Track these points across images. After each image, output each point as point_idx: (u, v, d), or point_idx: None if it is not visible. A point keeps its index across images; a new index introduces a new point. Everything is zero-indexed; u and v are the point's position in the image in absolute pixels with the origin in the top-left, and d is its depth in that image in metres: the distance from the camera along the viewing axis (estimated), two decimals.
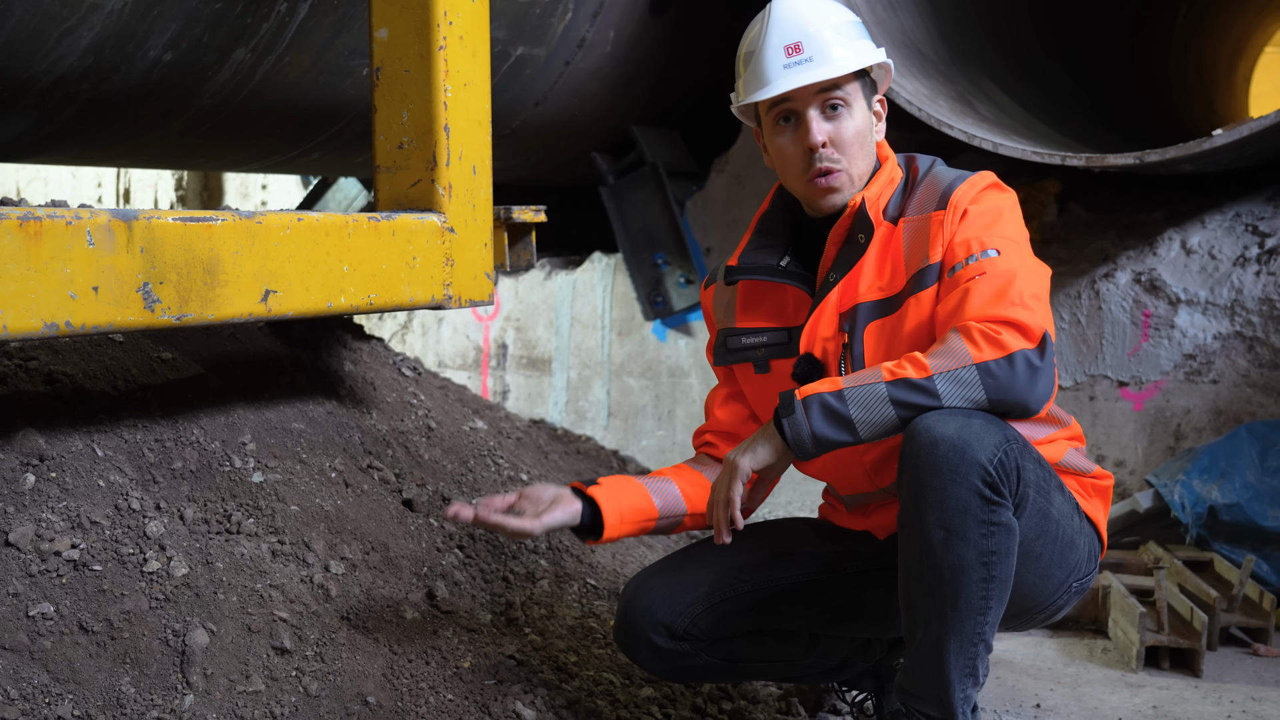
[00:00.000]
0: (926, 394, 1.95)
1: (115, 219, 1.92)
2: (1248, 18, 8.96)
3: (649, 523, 2.28)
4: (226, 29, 2.88)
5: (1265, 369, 3.82)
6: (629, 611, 2.29)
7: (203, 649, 2.16)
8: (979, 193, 2.16)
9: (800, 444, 2.00)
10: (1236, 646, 3.26)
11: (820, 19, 2.20)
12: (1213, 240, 3.98)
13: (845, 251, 2.21)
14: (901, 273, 2.16)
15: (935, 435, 1.91)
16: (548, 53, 3.98)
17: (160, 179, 8.15)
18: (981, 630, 1.97)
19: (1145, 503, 3.75)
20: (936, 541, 1.92)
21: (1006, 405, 1.97)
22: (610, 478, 2.31)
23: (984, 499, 1.90)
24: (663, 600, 2.27)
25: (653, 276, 4.88)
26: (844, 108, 2.19)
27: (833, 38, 2.18)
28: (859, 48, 2.21)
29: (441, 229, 2.55)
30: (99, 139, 3.28)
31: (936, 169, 2.26)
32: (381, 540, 2.68)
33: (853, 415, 1.97)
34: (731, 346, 2.37)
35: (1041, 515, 2.05)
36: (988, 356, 1.94)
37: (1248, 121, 3.54)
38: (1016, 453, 1.95)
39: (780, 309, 2.31)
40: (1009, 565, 1.95)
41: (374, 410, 3.16)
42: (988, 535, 1.92)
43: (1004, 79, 5.06)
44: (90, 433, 2.42)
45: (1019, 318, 1.97)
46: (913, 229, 2.17)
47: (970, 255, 2.07)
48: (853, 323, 2.18)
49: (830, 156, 2.19)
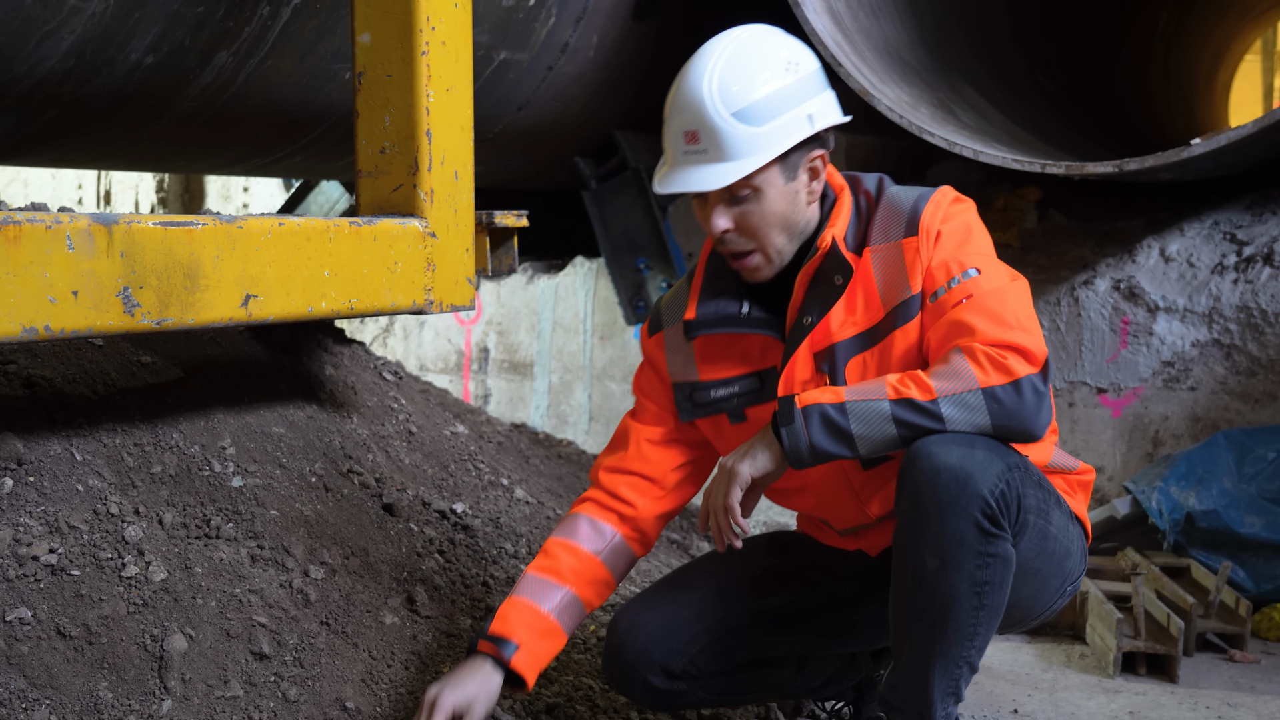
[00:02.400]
0: (930, 417, 1.91)
1: (95, 223, 1.92)
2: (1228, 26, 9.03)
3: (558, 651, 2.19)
4: (208, 32, 2.87)
5: (1243, 376, 3.84)
6: (624, 651, 2.23)
7: (181, 654, 2.16)
8: (945, 211, 2.07)
9: (797, 454, 1.96)
10: (1213, 652, 3.28)
11: (726, 100, 1.99)
12: (1191, 248, 4.01)
13: (817, 292, 2.09)
14: (876, 304, 2.07)
15: (937, 463, 1.87)
16: (531, 57, 3.98)
17: (141, 181, 8.12)
18: (968, 654, 1.96)
19: (1123, 509, 3.77)
20: (930, 569, 1.90)
21: (1011, 432, 1.93)
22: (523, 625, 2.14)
23: (982, 531, 1.88)
24: (659, 640, 2.22)
25: (635, 281, 4.89)
26: (752, 195, 2.03)
27: (734, 130, 1.98)
28: (772, 134, 2.00)
29: (423, 234, 2.55)
30: (80, 141, 3.27)
31: (889, 190, 2.14)
32: (361, 545, 2.68)
33: (853, 430, 1.93)
34: (700, 401, 2.24)
35: (1040, 535, 2.02)
36: (994, 381, 1.90)
37: (1226, 131, 3.57)
38: (1018, 481, 1.91)
39: (746, 354, 2.20)
40: (1002, 594, 1.93)
41: (354, 414, 3.15)
42: (983, 566, 1.89)
43: (986, 86, 5.09)
44: (69, 437, 2.41)
45: (1022, 342, 1.92)
46: (883, 258, 2.07)
47: (952, 278, 2.00)
48: (831, 362, 2.08)
49: (736, 242, 2.07)
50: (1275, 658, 3.26)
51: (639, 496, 2.27)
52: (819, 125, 2.05)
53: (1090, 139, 5.75)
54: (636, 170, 4.75)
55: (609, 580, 2.25)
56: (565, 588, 2.19)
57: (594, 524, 2.26)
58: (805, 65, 2.06)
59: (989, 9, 5.44)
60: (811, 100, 2.05)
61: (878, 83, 4.07)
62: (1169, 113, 7.91)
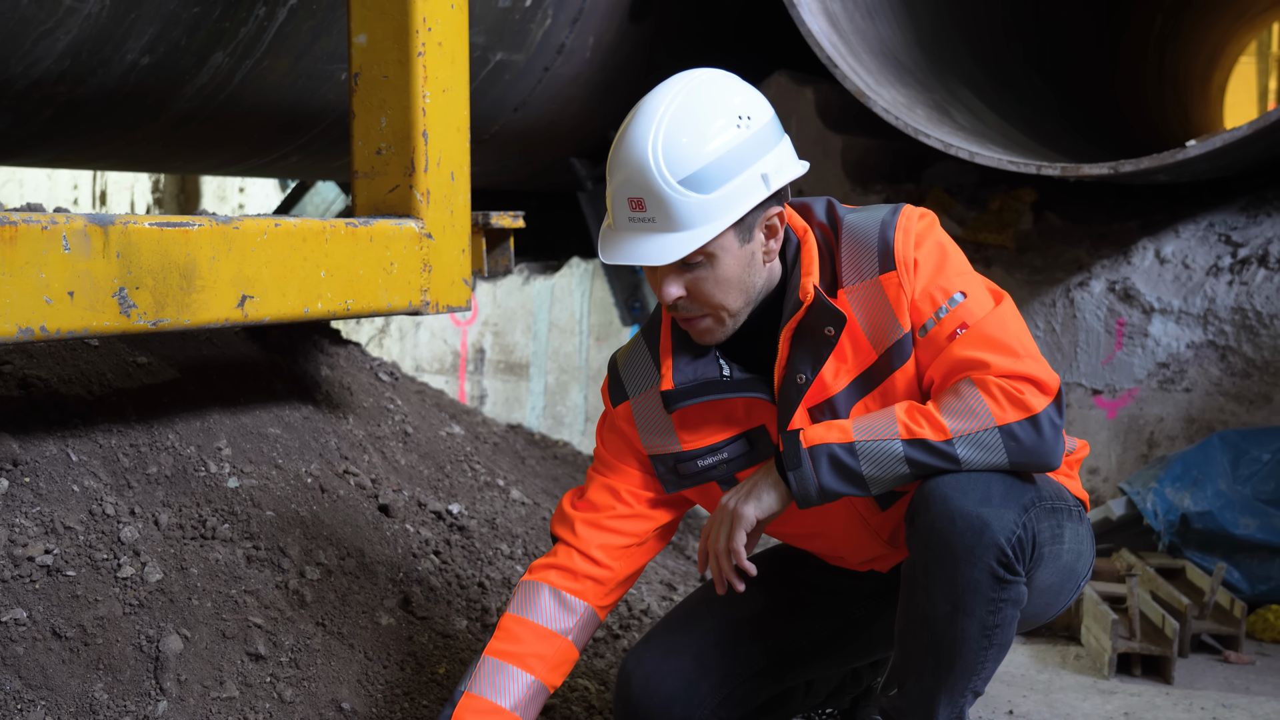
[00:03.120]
0: (945, 459, 1.83)
1: (91, 224, 1.92)
2: (1223, 28, 9.04)
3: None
4: (204, 33, 2.87)
5: (1237, 378, 3.85)
6: (642, 707, 2.11)
7: (176, 655, 2.16)
8: (916, 235, 1.94)
9: (806, 497, 1.88)
10: (1208, 653, 3.28)
11: (673, 165, 1.82)
12: (1186, 250, 4.02)
13: (809, 347, 1.95)
14: (866, 346, 1.95)
15: (953, 509, 1.81)
16: (527, 58, 3.99)
17: (137, 181, 8.11)
18: (975, 685, 1.93)
19: (1118, 510, 3.78)
20: (941, 614, 1.85)
21: (1028, 468, 1.88)
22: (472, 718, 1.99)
23: (996, 579, 1.83)
24: (679, 695, 2.11)
25: (631, 282, 4.89)
26: (705, 261, 1.88)
27: (683, 199, 1.82)
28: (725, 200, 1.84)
29: (419, 235, 2.55)
30: (76, 141, 3.27)
31: (846, 220, 1.98)
32: (357, 546, 2.68)
33: (864, 471, 1.86)
34: (686, 473, 2.08)
35: (1054, 559, 1.95)
36: (1011, 419, 1.83)
37: (1221, 133, 3.58)
38: (1034, 521, 1.86)
39: (730, 416, 2.05)
40: (1010, 632, 1.89)
41: (350, 415, 3.15)
42: (994, 611, 1.85)
43: (981, 88, 5.09)
44: (64, 437, 2.41)
45: (1035, 373, 1.84)
46: (863, 298, 1.94)
47: (939, 308, 1.90)
48: (833, 413, 1.96)
49: (688, 308, 1.93)
50: (1270, 659, 3.26)
51: (615, 559, 2.09)
52: (775, 185, 1.89)
53: (1086, 141, 5.76)
54: None
55: (575, 659, 2.11)
56: (529, 676, 2.03)
57: (560, 597, 2.07)
58: (758, 117, 1.89)
59: (985, 11, 5.45)
60: (766, 156, 1.89)
61: (874, 84, 4.07)
62: (1164, 115, 7.93)
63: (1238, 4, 8.62)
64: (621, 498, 2.11)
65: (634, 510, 2.11)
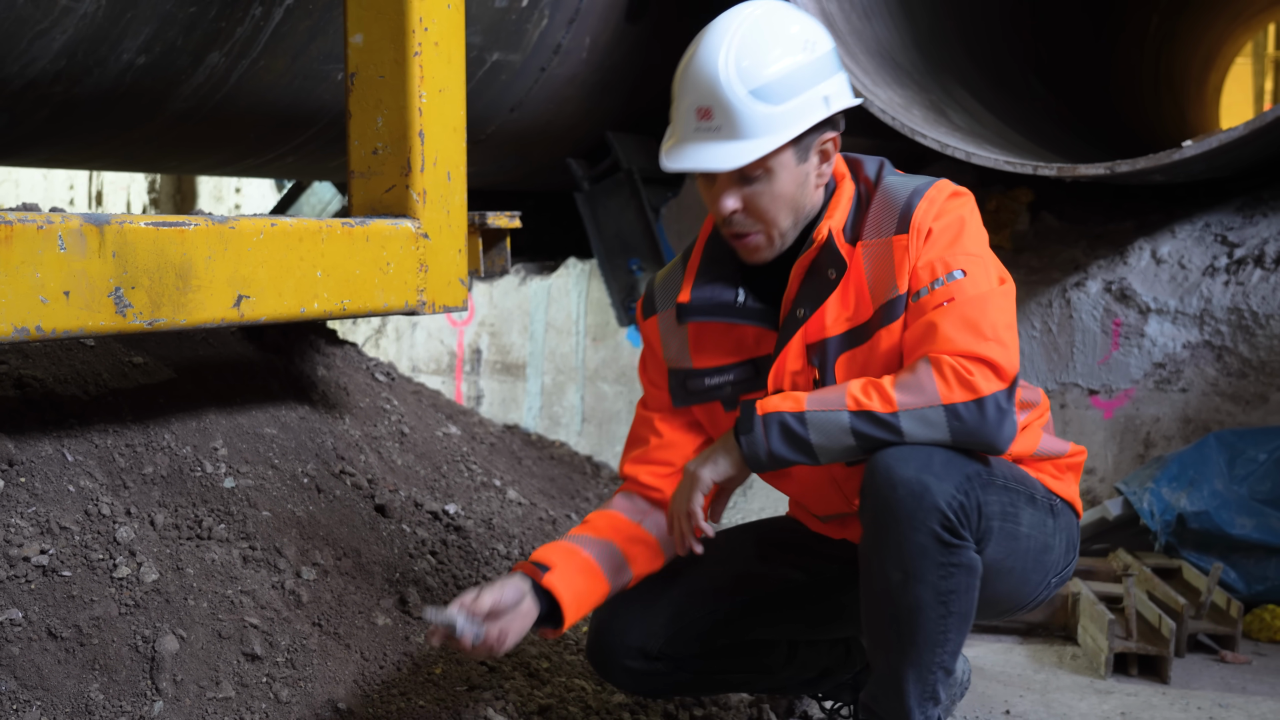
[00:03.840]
0: (889, 430, 1.90)
1: (87, 223, 1.92)
2: (1219, 29, 9.05)
3: (600, 599, 2.16)
4: (200, 33, 2.87)
5: (1234, 378, 3.85)
6: (601, 633, 2.25)
7: (173, 655, 2.15)
8: (940, 208, 2.02)
9: (756, 461, 1.97)
10: (1204, 653, 3.29)
11: (744, 76, 1.94)
12: (1182, 250, 4.02)
13: (812, 285, 2.06)
14: (866, 301, 2.04)
15: (895, 477, 1.87)
16: (523, 58, 3.99)
17: (133, 181, 8.11)
18: (940, 659, 1.96)
19: (1115, 510, 3.78)
20: (895, 582, 1.91)
21: (972, 446, 1.93)
22: (561, 555, 2.11)
23: (942, 543, 1.88)
24: (636, 622, 2.23)
25: (627, 283, 4.89)
26: (764, 175, 1.99)
27: (751, 108, 1.93)
28: (788, 114, 1.95)
29: (416, 235, 2.55)
30: (72, 141, 3.26)
31: (887, 180, 2.10)
32: (354, 546, 2.68)
33: (812, 440, 1.93)
34: (694, 389, 2.22)
35: (1009, 538, 2.01)
36: (957, 398, 1.88)
37: (1217, 133, 3.58)
38: (978, 489, 1.92)
39: (740, 343, 2.17)
40: (968, 599, 1.94)
41: (347, 415, 3.15)
42: (946, 576, 1.90)
43: (978, 88, 5.10)
44: (60, 437, 2.41)
45: (993, 356, 1.90)
46: (873, 254, 2.03)
47: (936, 279, 1.96)
48: (823, 356, 2.06)
49: (742, 223, 2.03)
50: (1267, 659, 3.26)
51: (664, 482, 2.23)
52: (834, 107, 2.00)
53: (1082, 141, 5.76)
54: (629, 172, 4.75)
55: (651, 542, 2.20)
56: (604, 540, 2.16)
57: (630, 499, 2.24)
58: (821, 44, 2.01)
59: (981, 11, 5.45)
60: (827, 81, 2.00)
61: (870, 84, 4.08)
62: (1160, 115, 7.93)
63: (1233, 5, 8.63)
64: (660, 423, 2.27)
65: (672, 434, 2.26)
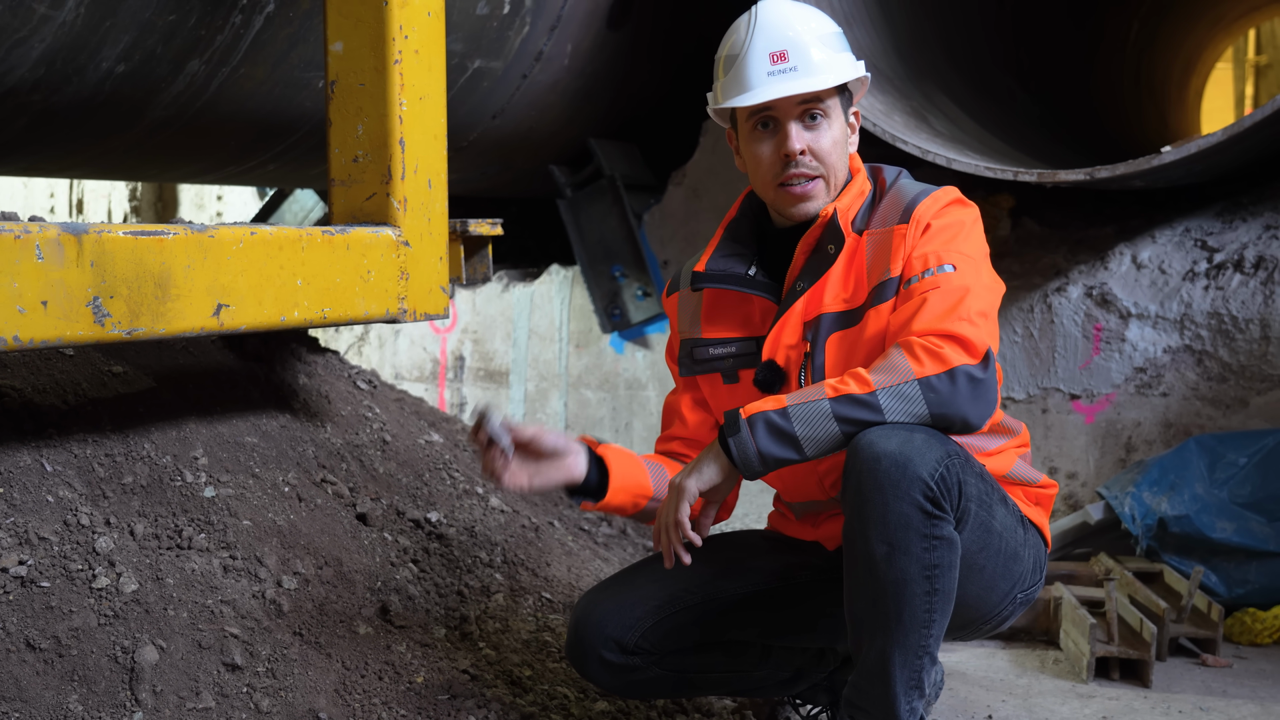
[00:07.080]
0: (869, 409, 1.97)
1: (65, 233, 1.91)
2: (1199, 34, 9.10)
3: (642, 500, 2.28)
4: (180, 41, 2.86)
5: (1214, 382, 3.87)
6: (579, 627, 2.29)
7: (152, 666, 2.14)
8: (942, 208, 2.17)
9: (747, 463, 2.02)
10: (1185, 657, 3.30)
11: (806, 28, 2.20)
12: (1163, 255, 4.04)
13: (814, 261, 2.21)
14: (864, 285, 2.17)
15: (877, 451, 1.93)
16: (505, 65, 3.99)
17: (114, 190, 8.08)
18: (926, 643, 1.98)
19: (1096, 514, 3.79)
20: (879, 556, 1.94)
21: (948, 420, 1.99)
22: (615, 447, 2.30)
23: (925, 513, 1.92)
24: (613, 615, 2.27)
25: (610, 289, 4.89)
26: (824, 119, 2.20)
27: (818, 49, 2.19)
28: (842, 61, 2.22)
29: (396, 243, 2.55)
30: (51, 150, 3.25)
31: (902, 182, 2.28)
32: (335, 555, 2.67)
33: (798, 432, 1.99)
34: (699, 358, 2.36)
35: (984, 528, 2.07)
36: (929, 371, 1.97)
37: (1196, 139, 3.60)
38: (958, 467, 1.97)
39: (747, 318, 2.31)
40: (951, 578, 1.97)
41: (328, 424, 3.14)
42: (930, 549, 1.94)
43: (959, 94, 5.11)
44: (39, 447, 2.40)
45: (962, 332, 1.99)
46: (875, 242, 2.19)
47: (926, 269, 2.09)
48: (815, 332, 2.19)
49: (808, 164, 2.20)
50: (1247, 662, 3.28)
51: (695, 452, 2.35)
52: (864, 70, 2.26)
53: (1064, 146, 5.79)
54: (612, 178, 4.76)
55: None
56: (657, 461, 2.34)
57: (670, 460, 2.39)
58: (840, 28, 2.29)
59: (963, 18, 5.47)
60: None
61: None
62: (1142, 120, 7.97)
63: (1214, 11, 8.68)
64: (685, 405, 2.42)
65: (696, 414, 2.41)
